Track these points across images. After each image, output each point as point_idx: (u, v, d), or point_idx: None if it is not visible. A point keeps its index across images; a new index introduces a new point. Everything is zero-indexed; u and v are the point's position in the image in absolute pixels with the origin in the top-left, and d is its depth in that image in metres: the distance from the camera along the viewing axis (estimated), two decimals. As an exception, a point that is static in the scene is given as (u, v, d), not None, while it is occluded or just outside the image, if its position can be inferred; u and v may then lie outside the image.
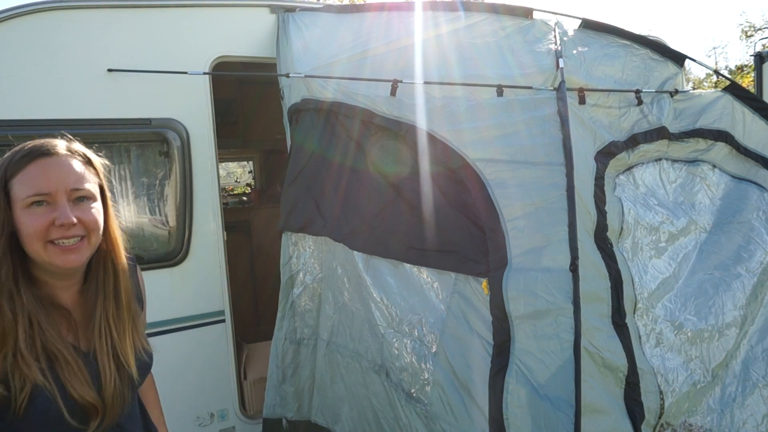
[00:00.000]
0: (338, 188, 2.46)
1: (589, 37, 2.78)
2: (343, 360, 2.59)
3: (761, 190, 2.85)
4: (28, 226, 1.15)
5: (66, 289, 1.28)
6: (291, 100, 2.75)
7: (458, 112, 2.24)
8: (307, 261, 2.82)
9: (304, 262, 2.83)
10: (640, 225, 2.43)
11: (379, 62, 2.45)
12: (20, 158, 1.17)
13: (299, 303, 2.88)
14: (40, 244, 1.16)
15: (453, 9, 2.64)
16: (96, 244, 1.25)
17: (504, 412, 1.78)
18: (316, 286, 2.79)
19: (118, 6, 2.79)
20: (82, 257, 1.22)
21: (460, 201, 2.06)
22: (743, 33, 19.52)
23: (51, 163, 1.18)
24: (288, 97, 2.79)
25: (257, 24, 3.06)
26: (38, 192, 1.15)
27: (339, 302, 2.62)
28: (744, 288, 2.55)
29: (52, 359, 1.17)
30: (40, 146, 1.19)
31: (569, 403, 1.79)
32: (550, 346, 1.84)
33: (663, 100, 2.76)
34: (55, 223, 1.15)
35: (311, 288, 2.81)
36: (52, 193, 1.16)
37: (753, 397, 2.48)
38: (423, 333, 2.14)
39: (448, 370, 2.02)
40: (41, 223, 1.15)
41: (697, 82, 20.26)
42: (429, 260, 2.12)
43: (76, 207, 1.20)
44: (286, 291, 2.91)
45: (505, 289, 1.83)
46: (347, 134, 2.42)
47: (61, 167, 1.19)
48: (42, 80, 2.65)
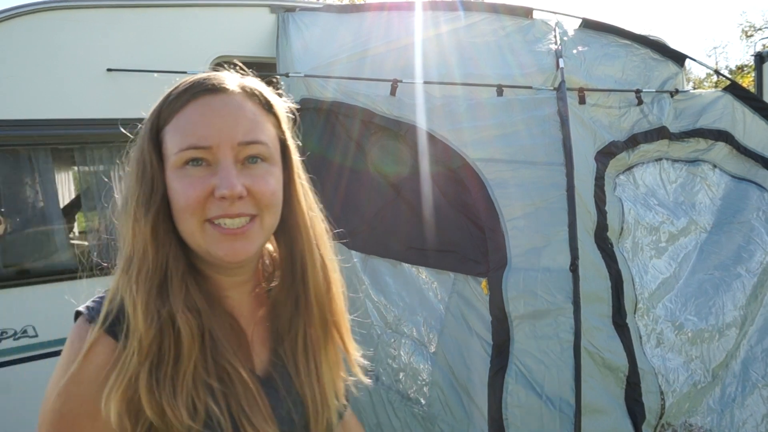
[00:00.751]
0: (337, 188, 2.46)
1: (589, 36, 2.77)
2: None
3: (761, 190, 2.84)
4: (179, 195, 0.78)
5: (235, 288, 0.90)
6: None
7: (458, 111, 2.24)
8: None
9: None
10: (640, 225, 2.43)
11: (379, 62, 2.45)
12: (176, 96, 0.82)
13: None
14: (196, 222, 0.79)
15: (453, 9, 2.64)
16: (272, 227, 0.86)
17: (503, 412, 1.78)
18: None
19: (118, 6, 2.79)
20: (251, 246, 0.82)
21: (460, 201, 2.06)
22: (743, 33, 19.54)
23: (216, 103, 0.80)
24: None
25: (257, 24, 3.06)
26: (194, 144, 0.77)
27: None
28: (744, 288, 2.55)
29: (223, 384, 0.80)
30: (203, 80, 0.81)
31: (569, 403, 1.79)
32: (549, 346, 1.84)
33: (663, 100, 2.76)
34: (214, 194, 0.77)
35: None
36: (213, 148, 0.78)
37: (753, 397, 2.48)
38: (422, 333, 2.14)
39: (447, 371, 2.02)
40: (197, 192, 0.77)
41: (698, 82, 20.25)
42: (429, 260, 2.12)
43: (246, 171, 0.80)
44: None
45: (504, 289, 1.83)
46: (347, 134, 2.42)
47: (229, 112, 0.80)
48: (42, 80, 2.65)
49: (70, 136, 2.74)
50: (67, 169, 4.13)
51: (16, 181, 2.73)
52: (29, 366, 2.66)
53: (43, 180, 2.74)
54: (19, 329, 2.64)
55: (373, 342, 2.31)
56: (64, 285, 2.73)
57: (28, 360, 2.66)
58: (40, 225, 2.79)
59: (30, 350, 2.66)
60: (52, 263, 2.77)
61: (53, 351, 2.70)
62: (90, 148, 2.80)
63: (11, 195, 2.73)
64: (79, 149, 2.82)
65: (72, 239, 3.21)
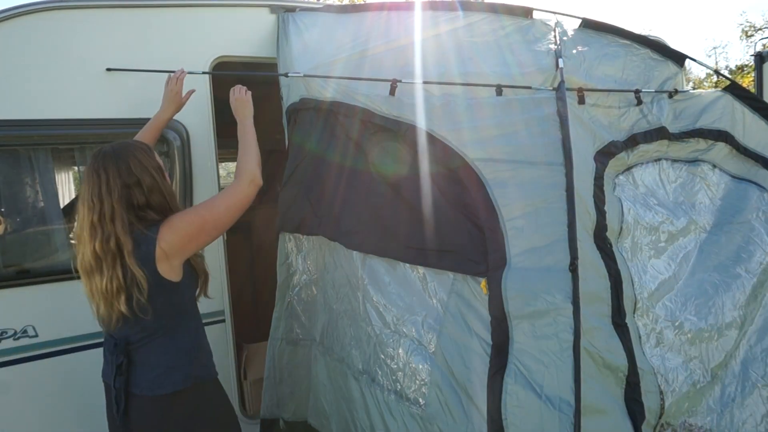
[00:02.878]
0: (336, 188, 2.46)
1: (589, 36, 2.77)
2: (331, 363, 2.59)
3: (761, 190, 2.84)
4: None
5: None
6: (290, 99, 2.75)
7: (458, 111, 2.24)
8: (304, 261, 2.82)
9: (301, 262, 2.83)
10: (639, 225, 2.43)
11: (379, 61, 2.45)
12: None
13: (295, 304, 2.88)
14: None
15: (452, 9, 2.64)
16: None
17: (503, 412, 1.78)
18: (312, 287, 2.79)
19: (118, 6, 2.79)
20: None
21: (460, 201, 2.06)
22: (743, 33, 19.53)
23: None
24: (287, 97, 2.79)
25: (257, 24, 3.06)
26: None
27: (330, 304, 2.62)
28: (744, 288, 2.55)
29: None
30: None
31: (568, 403, 1.78)
32: (549, 346, 1.84)
33: (663, 100, 2.76)
34: None
35: (307, 288, 2.81)
36: None
37: (752, 397, 2.48)
38: (421, 333, 2.14)
39: (446, 371, 2.02)
40: None
41: (698, 82, 20.25)
42: (428, 260, 2.12)
43: None
44: (282, 291, 2.91)
45: (504, 289, 1.83)
46: (346, 134, 2.42)
47: None
48: (42, 80, 2.65)
49: (70, 136, 2.74)
50: (67, 169, 4.14)
51: (16, 181, 2.73)
52: (29, 366, 2.66)
53: (43, 180, 2.74)
54: (19, 329, 2.64)
55: (371, 342, 2.32)
56: (64, 285, 2.73)
57: (28, 360, 2.66)
58: (40, 225, 2.79)
59: (30, 350, 2.66)
60: (52, 263, 2.77)
61: (53, 351, 2.71)
62: (90, 148, 2.81)
63: (11, 195, 2.73)
64: (79, 149, 2.82)
65: (72, 239, 3.21)
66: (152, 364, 1.97)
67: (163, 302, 1.94)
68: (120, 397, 1.96)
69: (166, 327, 1.98)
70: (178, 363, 1.99)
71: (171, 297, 1.98)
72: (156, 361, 1.97)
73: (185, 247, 1.97)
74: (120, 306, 1.86)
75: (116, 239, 1.85)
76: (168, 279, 1.94)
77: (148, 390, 1.95)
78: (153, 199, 1.97)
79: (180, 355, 2.01)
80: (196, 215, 2.03)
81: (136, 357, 1.97)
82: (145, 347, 1.97)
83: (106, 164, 1.91)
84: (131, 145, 2.03)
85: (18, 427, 2.68)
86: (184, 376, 1.99)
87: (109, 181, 1.89)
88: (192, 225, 1.97)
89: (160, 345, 1.98)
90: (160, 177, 2.02)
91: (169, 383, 1.96)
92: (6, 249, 2.67)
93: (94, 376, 2.81)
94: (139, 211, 1.93)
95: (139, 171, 1.94)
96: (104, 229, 1.86)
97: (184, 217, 2.00)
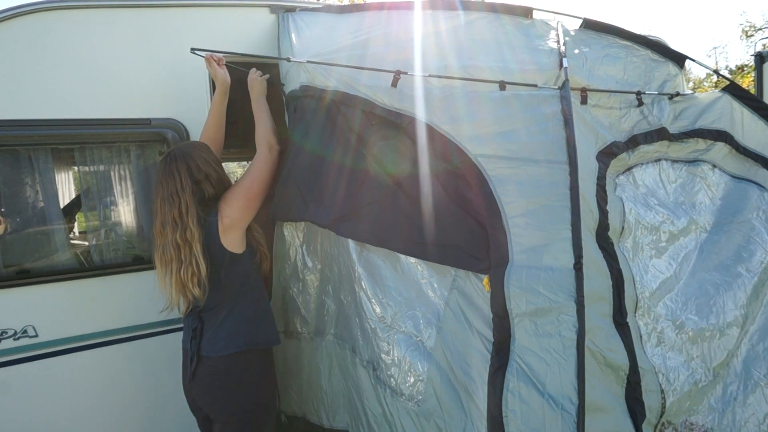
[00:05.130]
0: (331, 175, 2.43)
1: (590, 37, 2.77)
2: (342, 353, 2.59)
3: (761, 190, 2.85)
4: None
5: None
6: (290, 86, 2.71)
7: (460, 105, 2.23)
8: (303, 254, 2.79)
9: (300, 255, 2.81)
10: (640, 225, 2.43)
11: (379, 56, 2.44)
12: None
13: (293, 296, 2.86)
14: None
15: (452, 8, 2.64)
16: None
17: (503, 409, 1.78)
18: (309, 279, 2.77)
19: (118, 6, 2.79)
20: None
21: (462, 196, 2.06)
22: (743, 33, 19.53)
23: None
24: (288, 85, 2.76)
25: (257, 24, 3.06)
26: None
27: (330, 295, 2.62)
28: (745, 287, 2.56)
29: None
30: None
31: (571, 401, 1.78)
32: (551, 344, 1.84)
33: (663, 101, 2.76)
34: None
35: (304, 281, 2.79)
36: None
37: (754, 396, 2.48)
38: (419, 328, 2.14)
39: (445, 367, 2.02)
40: None
41: (698, 82, 20.27)
42: (429, 254, 2.12)
43: None
44: (279, 284, 2.90)
45: (506, 287, 1.83)
46: (347, 124, 2.40)
47: None
48: (42, 80, 2.64)
49: (70, 136, 2.74)
50: (67, 169, 4.13)
51: (16, 181, 2.72)
52: (29, 366, 2.65)
53: (43, 180, 2.74)
54: (19, 329, 2.63)
55: (368, 335, 2.31)
56: (64, 285, 2.73)
57: (28, 360, 2.65)
58: (40, 225, 2.78)
59: (30, 350, 2.66)
60: (52, 263, 2.76)
61: (53, 351, 2.70)
62: (90, 148, 2.80)
63: (11, 195, 2.72)
64: (79, 149, 2.81)
65: (72, 239, 3.20)
66: (218, 329, 2.30)
67: (227, 273, 2.28)
68: (192, 359, 2.30)
69: (232, 297, 2.32)
70: (240, 330, 2.31)
71: (236, 268, 2.32)
72: (221, 327, 2.30)
73: (243, 216, 2.35)
74: (193, 289, 2.19)
75: (191, 229, 2.19)
76: (232, 251, 2.29)
77: (213, 351, 2.27)
78: (218, 190, 2.34)
79: (243, 322, 2.32)
80: (241, 186, 2.39)
81: (207, 323, 2.31)
82: (214, 315, 2.31)
83: (178, 165, 2.25)
84: (195, 146, 2.40)
85: (18, 427, 2.67)
86: (245, 341, 2.30)
87: (181, 179, 2.23)
88: (241, 194, 2.36)
89: (227, 313, 2.31)
90: (221, 169, 2.39)
91: (232, 346, 2.27)
92: (6, 249, 2.66)
93: (94, 376, 2.82)
94: (208, 201, 2.30)
95: (206, 167, 2.31)
96: (183, 222, 2.20)
97: (233, 190, 2.37)
